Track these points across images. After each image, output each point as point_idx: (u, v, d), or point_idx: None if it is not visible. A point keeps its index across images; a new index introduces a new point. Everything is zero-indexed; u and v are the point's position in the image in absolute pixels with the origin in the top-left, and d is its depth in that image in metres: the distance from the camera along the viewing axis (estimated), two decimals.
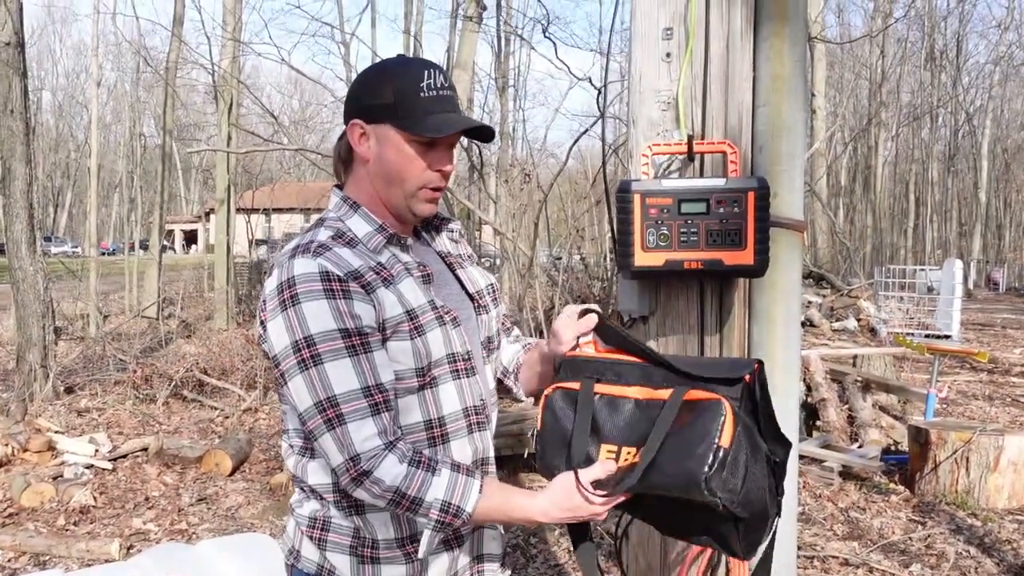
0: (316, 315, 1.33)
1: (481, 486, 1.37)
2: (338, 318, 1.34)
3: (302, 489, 1.50)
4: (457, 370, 1.47)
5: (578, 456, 1.37)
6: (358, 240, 1.45)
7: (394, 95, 1.43)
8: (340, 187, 1.55)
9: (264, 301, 1.41)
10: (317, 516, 1.46)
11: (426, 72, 1.45)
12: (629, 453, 1.33)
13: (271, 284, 1.39)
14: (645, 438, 1.30)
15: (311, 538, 1.47)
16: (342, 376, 1.33)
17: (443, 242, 1.64)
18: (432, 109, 1.43)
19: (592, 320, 1.50)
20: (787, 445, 1.41)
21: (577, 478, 1.33)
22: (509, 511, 1.38)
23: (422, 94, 1.43)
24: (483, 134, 1.52)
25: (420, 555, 1.38)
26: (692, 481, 1.24)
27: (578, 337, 1.51)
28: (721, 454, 1.24)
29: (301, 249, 1.40)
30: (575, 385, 1.41)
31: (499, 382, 1.70)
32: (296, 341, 1.34)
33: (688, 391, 1.31)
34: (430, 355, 1.42)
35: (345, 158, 1.53)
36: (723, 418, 1.25)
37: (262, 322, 1.41)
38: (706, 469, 1.23)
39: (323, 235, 1.43)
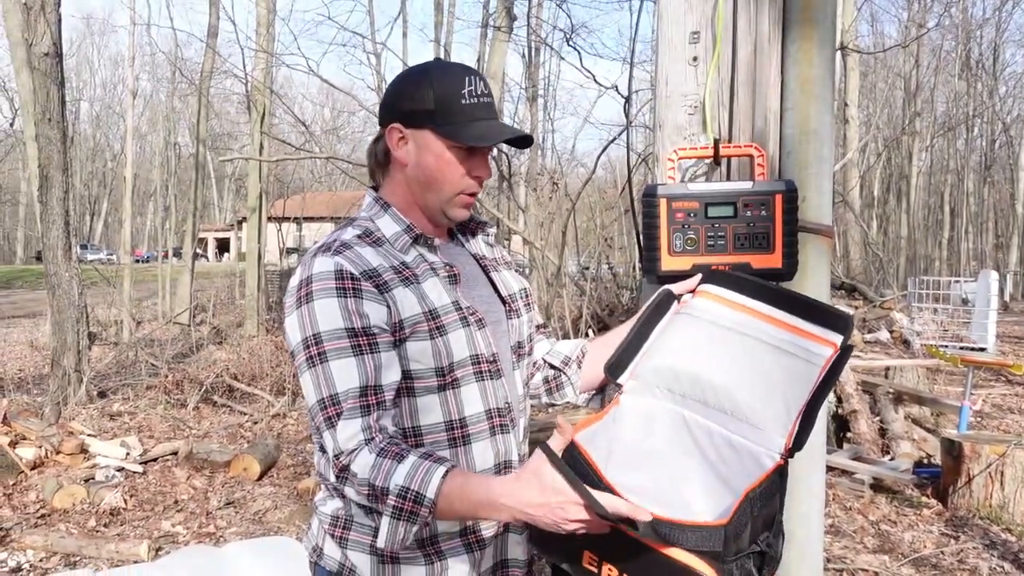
0: (326, 313, 1.36)
1: (447, 472, 1.26)
2: (346, 317, 1.35)
3: (326, 487, 1.51)
4: (481, 372, 1.46)
5: (556, 545, 1.29)
6: (385, 239, 1.47)
7: (435, 101, 1.44)
8: (375, 188, 1.56)
9: (287, 297, 1.43)
10: (339, 515, 1.47)
11: (467, 79, 1.46)
12: (611, 570, 1.25)
13: (293, 281, 1.42)
14: (625, 562, 1.22)
15: (333, 536, 1.47)
16: (343, 375, 1.34)
17: (478, 245, 1.64)
18: (475, 116, 1.44)
19: (696, 278, 1.55)
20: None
21: (547, 450, 1.19)
22: (470, 492, 1.25)
23: (464, 101, 1.44)
24: (523, 141, 1.54)
25: (380, 544, 1.30)
26: None
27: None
28: None
29: (323, 247, 1.42)
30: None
31: (553, 378, 1.70)
32: (306, 338, 1.37)
33: (671, 549, 1.17)
34: (451, 355, 1.42)
35: (382, 161, 1.54)
36: None
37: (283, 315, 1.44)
38: None
39: (349, 234, 1.45)
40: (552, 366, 1.71)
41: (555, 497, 1.17)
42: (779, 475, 1.29)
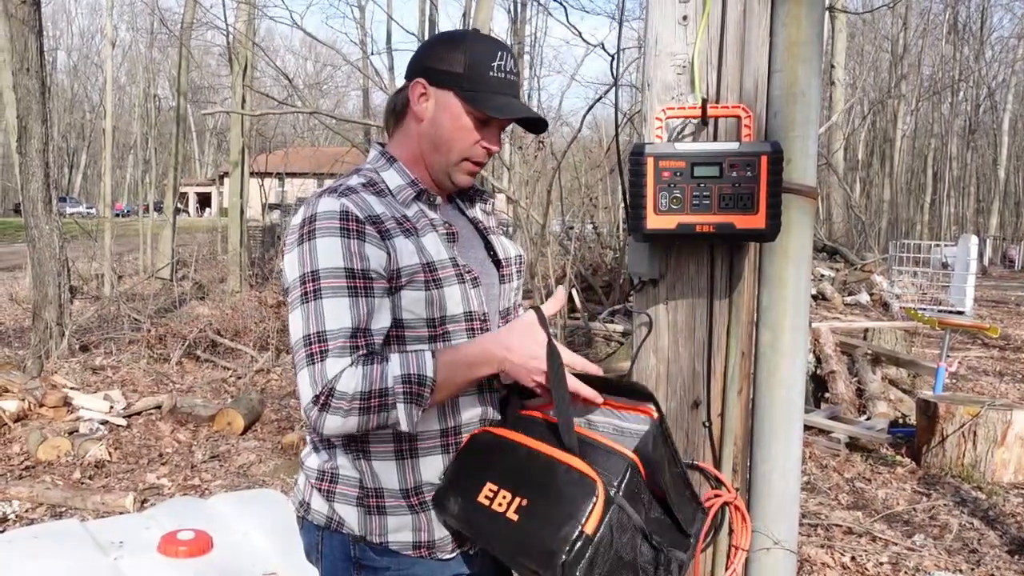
0: (327, 251, 1.36)
1: (433, 352, 1.38)
2: (347, 257, 1.36)
3: (311, 441, 1.54)
4: (472, 329, 1.49)
5: (463, 483, 1.42)
6: (388, 191, 1.49)
7: (464, 66, 1.47)
8: (382, 144, 1.59)
9: (288, 235, 1.45)
10: (325, 468, 1.49)
11: (500, 53, 1.50)
12: (504, 497, 1.34)
13: (296, 219, 1.43)
14: (522, 484, 1.34)
15: (319, 490, 1.50)
16: (336, 314, 1.35)
17: (476, 211, 1.68)
18: (498, 90, 1.49)
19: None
20: (689, 516, 1.42)
21: (540, 313, 1.42)
22: (464, 355, 1.40)
23: (491, 73, 1.48)
24: (537, 126, 1.57)
25: (403, 428, 1.35)
26: (548, 562, 1.24)
27: None
28: (582, 541, 1.23)
29: (329, 190, 1.44)
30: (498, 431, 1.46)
31: None
32: (303, 274, 1.37)
33: (568, 456, 1.33)
34: (444, 308, 1.44)
35: (399, 112, 1.57)
36: (593, 502, 1.25)
37: (282, 253, 1.46)
38: (564, 555, 1.22)
39: (355, 181, 1.48)
40: None
41: (542, 351, 1.39)
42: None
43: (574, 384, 1.40)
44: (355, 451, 1.46)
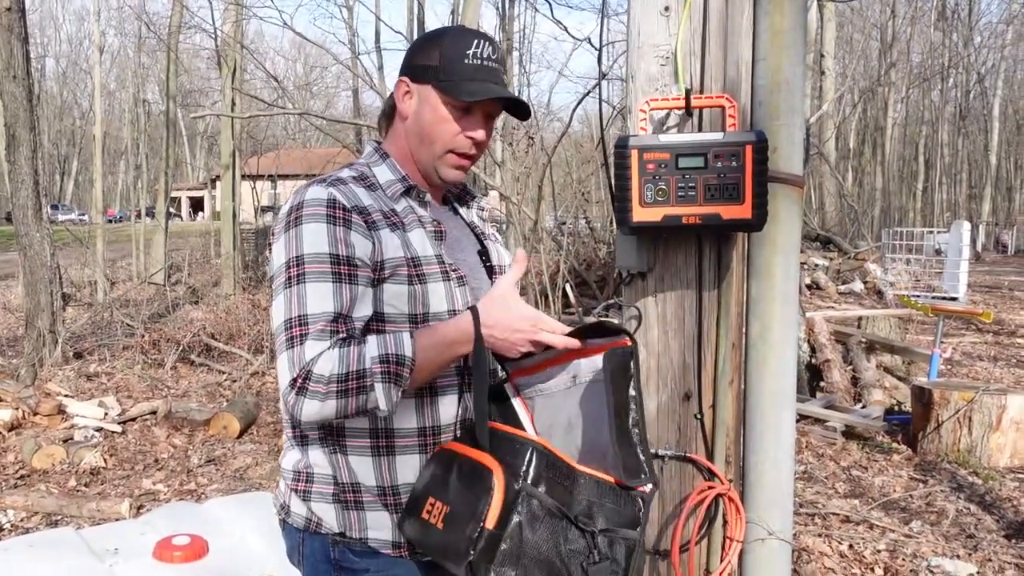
0: (312, 237, 1.37)
1: (411, 332, 1.37)
2: (332, 243, 1.36)
3: (288, 439, 1.53)
4: None
5: (413, 505, 1.41)
6: (378, 186, 1.50)
7: (440, 58, 1.49)
8: (378, 142, 1.60)
9: (276, 224, 1.46)
10: (299, 468, 1.49)
11: (475, 41, 1.51)
12: (434, 506, 1.35)
13: (285, 208, 1.44)
14: (445, 491, 1.34)
15: (296, 491, 1.49)
16: (318, 298, 1.34)
17: (471, 215, 1.69)
18: (473, 76, 1.48)
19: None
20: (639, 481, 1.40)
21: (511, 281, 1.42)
22: (443, 334, 1.38)
23: (466, 60, 1.48)
24: (520, 110, 1.57)
25: (382, 409, 1.33)
26: (459, 564, 1.24)
27: None
28: (485, 539, 1.22)
29: (319, 180, 1.45)
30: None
31: None
32: (289, 259, 1.37)
33: (465, 448, 1.34)
34: (428, 305, 1.44)
35: (388, 112, 1.59)
36: (491, 495, 1.25)
37: (269, 245, 1.46)
38: (470, 555, 1.22)
39: (345, 173, 1.49)
40: None
41: (527, 323, 1.38)
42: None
43: (549, 339, 1.39)
44: (330, 446, 1.45)
